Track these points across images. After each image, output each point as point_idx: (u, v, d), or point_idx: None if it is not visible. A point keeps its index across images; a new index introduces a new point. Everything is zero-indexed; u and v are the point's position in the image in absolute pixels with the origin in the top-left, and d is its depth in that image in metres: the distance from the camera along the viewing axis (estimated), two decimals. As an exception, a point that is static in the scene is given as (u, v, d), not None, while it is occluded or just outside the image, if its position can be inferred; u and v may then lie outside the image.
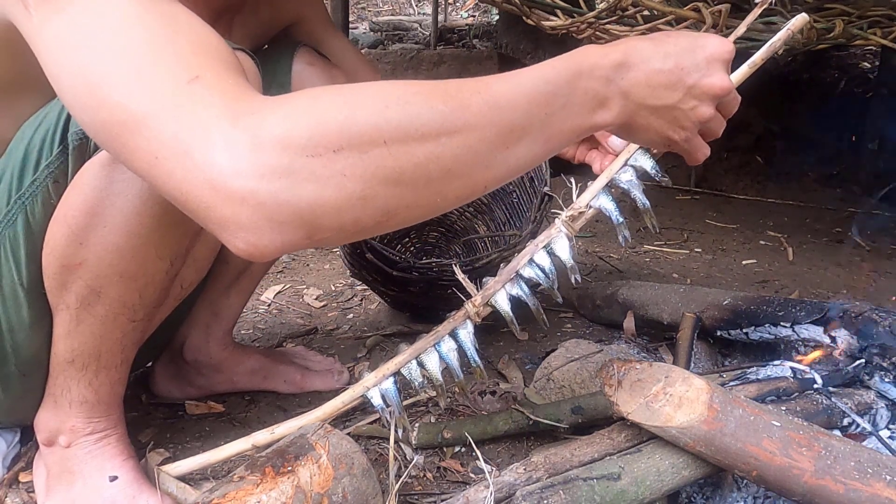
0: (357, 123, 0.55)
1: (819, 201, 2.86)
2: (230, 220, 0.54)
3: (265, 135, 0.53)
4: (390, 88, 0.59)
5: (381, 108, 0.57)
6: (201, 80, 0.56)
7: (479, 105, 0.60)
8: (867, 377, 0.99)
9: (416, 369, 0.93)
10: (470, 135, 0.60)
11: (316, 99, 0.57)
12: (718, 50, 0.71)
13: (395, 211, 0.58)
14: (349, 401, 0.94)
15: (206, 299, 1.20)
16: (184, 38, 0.60)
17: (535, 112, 0.64)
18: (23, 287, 0.85)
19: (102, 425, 0.93)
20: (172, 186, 0.56)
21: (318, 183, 0.54)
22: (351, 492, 0.83)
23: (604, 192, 0.92)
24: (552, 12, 1.67)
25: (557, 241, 0.93)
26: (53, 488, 0.93)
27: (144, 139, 0.56)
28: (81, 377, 0.89)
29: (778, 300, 1.18)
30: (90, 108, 0.59)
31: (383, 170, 0.56)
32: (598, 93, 0.67)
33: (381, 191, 0.56)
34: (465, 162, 0.60)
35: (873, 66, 3.57)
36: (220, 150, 0.53)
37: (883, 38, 1.58)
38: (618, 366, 0.90)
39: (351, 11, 4.04)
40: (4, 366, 0.89)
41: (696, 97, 0.71)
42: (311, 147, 0.54)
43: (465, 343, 0.94)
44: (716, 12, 1.44)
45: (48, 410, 0.92)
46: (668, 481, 0.83)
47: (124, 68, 0.57)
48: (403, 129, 0.57)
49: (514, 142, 0.63)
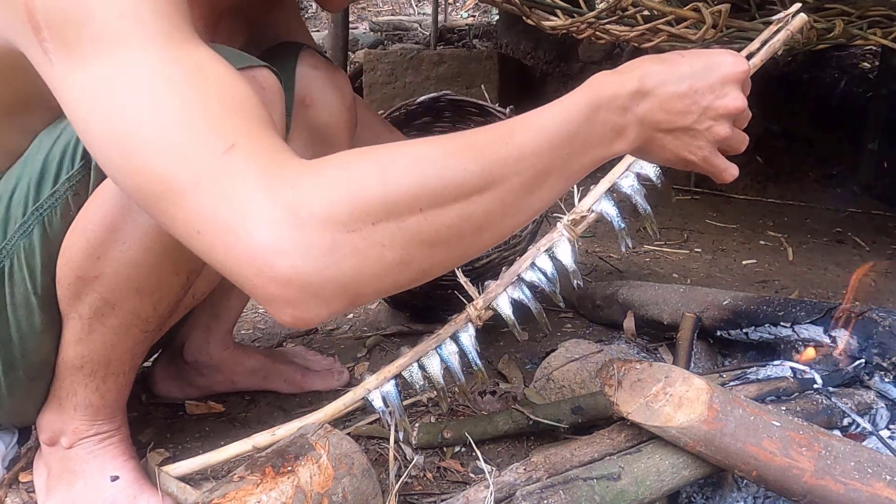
0: (395, 194, 0.57)
1: (819, 201, 2.86)
2: (277, 298, 0.55)
3: (306, 212, 0.54)
4: (423, 153, 0.60)
5: (418, 174, 0.58)
6: (237, 149, 0.56)
7: (505, 160, 0.62)
8: (867, 377, 0.99)
9: (417, 372, 0.94)
10: (498, 189, 0.61)
11: (352, 170, 0.57)
12: (732, 70, 0.72)
13: (430, 269, 0.61)
14: (350, 403, 0.94)
15: (206, 300, 1.19)
16: (214, 96, 0.59)
17: (557, 154, 0.65)
18: (36, 295, 0.84)
19: (106, 427, 0.93)
20: (215, 260, 0.56)
21: (359, 257, 0.55)
22: (351, 492, 0.83)
23: (606, 197, 0.93)
24: (552, 12, 1.67)
25: (559, 245, 0.93)
26: (54, 488, 0.93)
27: (184, 212, 0.56)
28: (89, 382, 0.89)
29: (778, 300, 1.18)
30: (125, 172, 0.58)
31: (420, 235, 0.58)
32: (616, 124, 0.68)
33: (417, 254, 0.58)
34: (495, 215, 0.62)
35: (873, 66, 3.57)
36: (262, 229, 0.53)
37: (883, 38, 1.58)
38: (618, 366, 0.90)
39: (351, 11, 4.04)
40: (12, 371, 0.88)
41: (711, 118, 0.71)
42: (351, 222, 0.55)
43: (466, 346, 0.94)
44: (716, 12, 1.44)
45: (52, 411, 0.92)
46: (668, 481, 0.83)
47: (157, 136, 0.56)
48: (438, 195, 0.58)
49: (538, 186, 0.64)
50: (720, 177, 0.77)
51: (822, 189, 3.02)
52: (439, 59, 3.38)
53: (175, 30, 0.60)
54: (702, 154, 0.74)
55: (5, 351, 0.86)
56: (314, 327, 0.58)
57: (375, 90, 3.37)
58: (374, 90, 3.37)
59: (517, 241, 1.41)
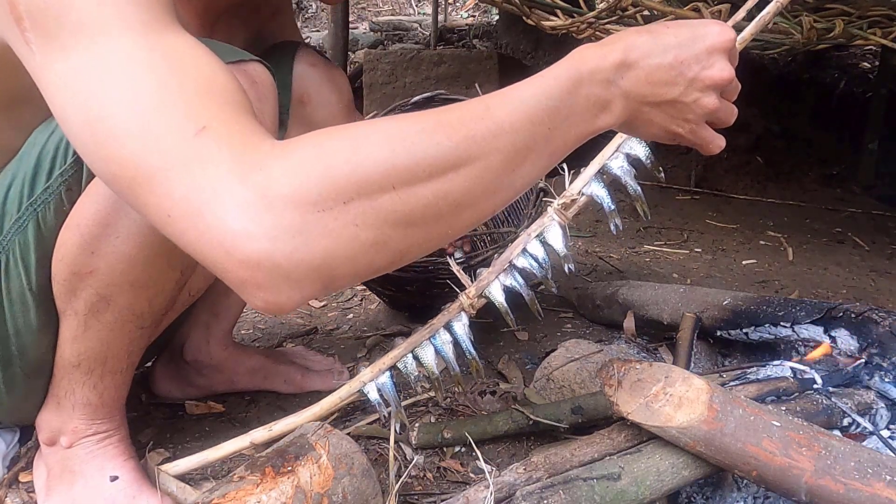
0: (365, 172, 0.55)
1: (819, 201, 2.86)
2: (247, 281, 0.54)
3: (275, 193, 0.53)
4: (394, 129, 0.58)
5: (388, 153, 0.56)
6: (208, 131, 0.55)
7: (482, 135, 0.60)
8: (867, 377, 0.99)
9: (411, 363, 0.93)
10: (476, 165, 0.59)
11: (321, 147, 0.56)
12: (719, 40, 0.69)
13: (407, 250, 0.59)
14: (346, 396, 0.94)
15: (205, 300, 1.20)
16: (191, 81, 0.58)
17: (538, 130, 0.63)
18: (31, 291, 0.84)
19: (105, 427, 0.93)
20: (186, 244, 0.55)
21: (331, 237, 0.54)
22: (351, 492, 0.83)
23: (595, 179, 0.91)
24: (552, 12, 1.68)
25: (550, 230, 0.92)
26: (54, 488, 0.93)
27: (155, 196, 0.55)
28: (86, 380, 0.89)
29: (778, 300, 1.18)
30: (99, 159, 0.58)
31: (394, 214, 0.56)
32: (600, 97, 0.66)
33: (392, 234, 0.56)
34: (473, 192, 0.60)
35: (873, 66, 3.57)
36: (231, 212, 0.53)
37: (883, 38, 1.58)
38: (618, 366, 0.90)
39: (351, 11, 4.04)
40: (9, 367, 0.88)
41: (698, 89, 0.69)
42: (321, 202, 0.53)
43: (460, 336, 0.93)
44: (716, 12, 1.44)
45: (51, 411, 0.92)
46: (668, 481, 0.83)
47: (131, 121, 0.56)
48: (411, 171, 0.56)
49: (519, 163, 0.62)
50: (707, 148, 0.75)
51: (822, 189, 3.02)
52: (439, 59, 3.38)
53: (154, 18, 0.60)
54: (689, 127, 0.71)
55: (2, 347, 0.87)
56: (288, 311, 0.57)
57: (375, 90, 3.37)
58: (374, 90, 3.37)
59: (514, 238, 1.40)
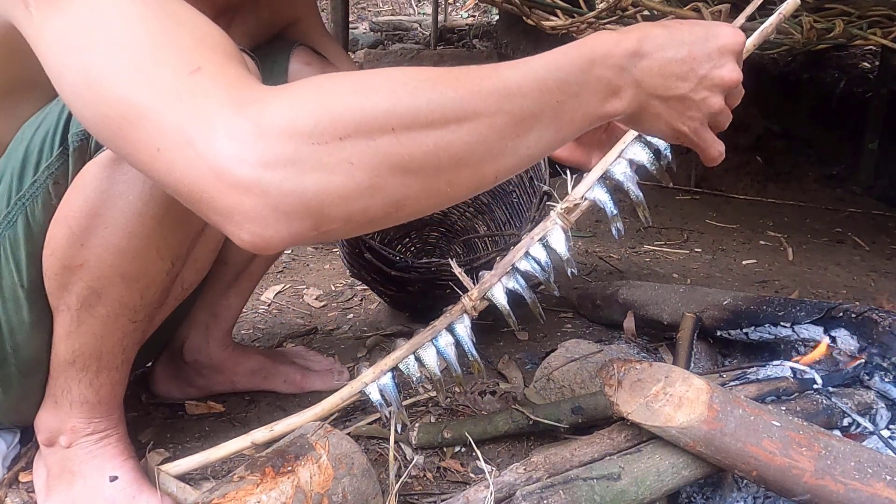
0: (364, 110, 0.54)
1: (819, 201, 2.86)
2: (234, 209, 0.53)
3: (269, 122, 0.52)
4: (399, 75, 0.58)
5: (389, 95, 0.56)
6: (203, 72, 0.55)
7: (489, 92, 0.59)
8: (867, 377, 0.99)
9: (413, 364, 0.93)
10: (480, 122, 0.59)
11: (321, 86, 0.56)
12: (730, 41, 0.70)
13: (404, 201, 0.57)
14: (347, 397, 0.94)
15: (205, 300, 1.20)
16: (186, 32, 0.59)
17: (546, 100, 0.62)
18: (23, 288, 0.85)
19: (103, 425, 0.93)
20: (175, 178, 0.55)
21: (324, 171, 0.53)
22: (351, 492, 0.83)
23: (598, 184, 0.92)
24: (552, 12, 1.68)
25: (553, 234, 0.92)
26: (54, 488, 0.93)
27: (146, 131, 0.55)
28: (82, 378, 0.89)
29: (778, 300, 1.18)
30: (91, 103, 0.58)
31: (392, 157, 0.55)
32: (611, 81, 0.66)
33: (389, 179, 0.55)
34: (475, 150, 0.59)
35: (873, 66, 3.57)
36: (223, 138, 0.52)
37: (883, 38, 1.58)
38: (618, 366, 0.90)
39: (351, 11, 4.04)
40: (4, 366, 0.89)
41: (707, 88, 0.70)
42: (316, 134, 0.53)
43: (462, 337, 0.93)
44: (716, 12, 1.44)
45: (48, 411, 0.92)
46: (668, 481, 0.83)
47: (125, 63, 0.57)
48: (412, 115, 0.56)
49: (525, 130, 0.62)
50: (708, 152, 0.75)
51: (822, 189, 3.02)
52: (439, 59, 3.39)
53: None
54: (693, 126, 0.72)
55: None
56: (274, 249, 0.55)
57: (375, 90, 3.38)
58: (374, 90, 3.38)
59: (516, 241, 1.41)
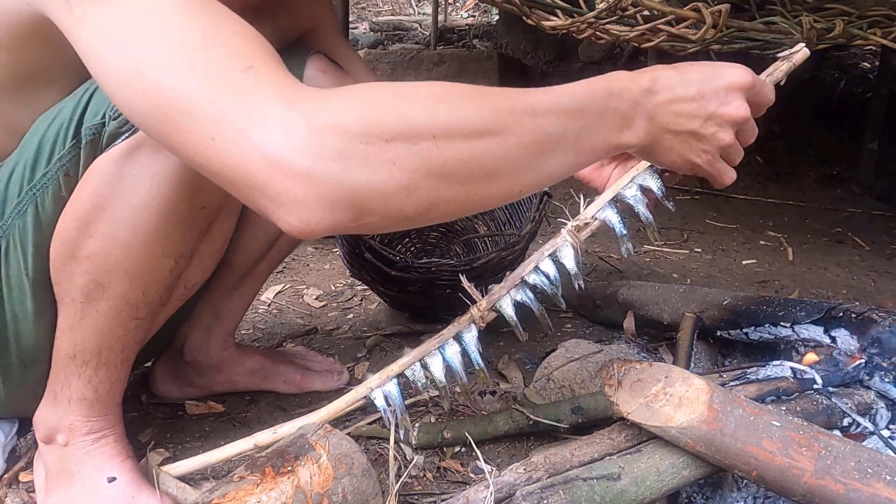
0: (409, 117, 0.59)
1: (819, 201, 2.86)
2: (286, 195, 0.56)
3: (321, 120, 0.56)
4: (439, 88, 0.63)
5: (432, 105, 0.60)
6: (255, 70, 0.59)
7: (519, 112, 0.64)
8: (867, 377, 0.99)
9: (419, 371, 0.95)
10: (510, 138, 0.63)
11: (368, 92, 0.61)
12: (738, 80, 0.76)
13: (435, 203, 0.61)
14: (352, 401, 0.95)
15: (208, 301, 1.20)
16: (231, 30, 0.62)
17: (569, 124, 0.67)
18: (28, 277, 0.86)
19: (100, 424, 0.93)
20: (228, 167, 0.57)
21: (370, 169, 0.57)
22: (351, 492, 0.83)
23: (609, 206, 0.95)
24: (552, 12, 1.67)
25: (563, 250, 0.95)
26: (52, 489, 0.93)
27: (198, 121, 0.58)
28: (82, 373, 0.89)
29: (778, 300, 1.18)
30: (138, 92, 0.60)
31: (429, 162, 0.59)
32: (626, 114, 0.71)
33: (424, 182, 0.59)
34: (504, 163, 0.64)
35: (873, 66, 3.57)
36: (280, 130, 0.56)
37: (883, 38, 1.58)
38: (618, 366, 0.90)
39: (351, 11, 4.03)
40: (5, 354, 0.90)
41: (716, 124, 0.76)
42: (364, 135, 0.57)
43: (469, 346, 0.95)
44: (716, 12, 1.44)
45: (47, 407, 0.93)
46: (668, 481, 0.83)
47: (176, 55, 0.59)
48: (451, 126, 0.60)
49: (549, 150, 0.66)
50: (720, 180, 0.81)
51: (822, 189, 3.02)
52: (439, 59, 3.38)
53: None
54: (706, 158, 0.78)
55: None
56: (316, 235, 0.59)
57: (375, 90, 3.37)
58: (374, 90, 3.37)
59: (516, 241, 1.41)
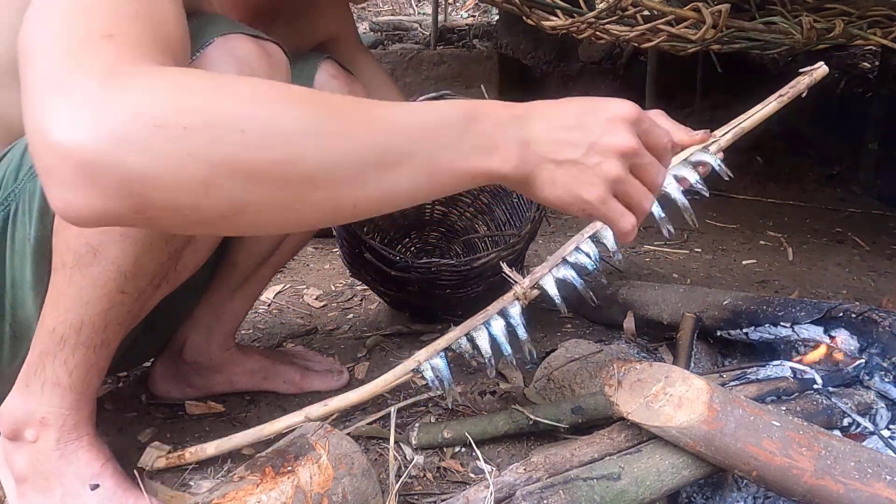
0: (217, 108, 0.54)
1: (819, 201, 2.86)
2: (52, 171, 0.52)
3: (121, 97, 0.52)
4: (264, 86, 0.59)
5: (247, 100, 0.56)
6: (114, 39, 0.56)
7: (355, 120, 0.60)
8: (867, 377, 0.99)
9: (465, 343, 1.00)
10: (338, 143, 0.58)
11: (184, 77, 0.56)
12: (620, 111, 0.71)
13: (243, 207, 0.56)
14: (401, 374, 1.00)
15: (209, 301, 1.20)
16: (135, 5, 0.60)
17: (420, 141, 0.63)
18: (30, 242, 0.85)
19: (73, 420, 0.88)
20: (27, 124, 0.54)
21: (153, 154, 0.52)
22: (351, 492, 0.83)
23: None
24: (552, 12, 1.67)
25: (603, 231, 1.01)
26: (27, 495, 0.88)
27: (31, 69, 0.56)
28: (58, 352, 0.85)
29: (778, 300, 1.18)
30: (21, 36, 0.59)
31: (233, 159, 0.54)
32: (494, 137, 0.66)
33: (227, 181, 0.54)
34: (331, 171, 0.58)
35: (873, 66, 3.57)
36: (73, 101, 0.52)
37: (883, 38, 1.58)
38: (618, 366, 0.90)
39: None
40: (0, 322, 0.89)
41: (599, 153, 0.69)
42: (160, 118, 0.52)
43: (515, 320, 1.01)
44: (716, 12, 1.44)
45: (17, 396, 0.88)
46: (668, 481, 0.83)
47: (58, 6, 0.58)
48: (264, 122, 0.55)
49: (392, 165, 0.61)
50: (618, 225, 0.73)
51: (822, 189, 3.02)
52: (439, 59, 3.38)
53: None
54: (596, 193, 0.70)
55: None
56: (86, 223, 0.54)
57: (375, 90, 3.37)
58: (374, 90, 3.37)
59: (516, 242, 1.41)
